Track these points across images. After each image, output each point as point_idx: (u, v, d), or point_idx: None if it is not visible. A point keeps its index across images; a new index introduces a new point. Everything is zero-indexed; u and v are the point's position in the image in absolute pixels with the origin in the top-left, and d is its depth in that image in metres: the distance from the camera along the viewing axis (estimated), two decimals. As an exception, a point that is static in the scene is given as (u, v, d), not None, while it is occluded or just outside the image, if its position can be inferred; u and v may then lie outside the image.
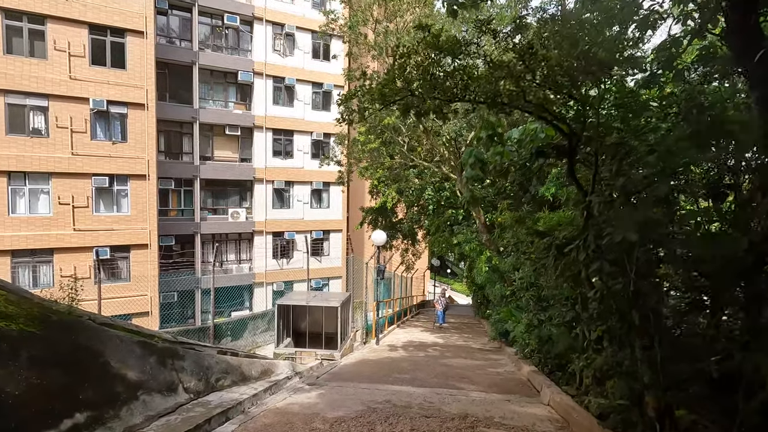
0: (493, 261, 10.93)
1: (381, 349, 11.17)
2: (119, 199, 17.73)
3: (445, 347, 11.83)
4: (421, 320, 20.63)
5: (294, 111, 24.65)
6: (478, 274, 11.70)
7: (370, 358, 9.62)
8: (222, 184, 23.46)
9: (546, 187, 8.74)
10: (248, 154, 23.87)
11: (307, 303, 9.22)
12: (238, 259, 24.12)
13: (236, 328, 10.36)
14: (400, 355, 10.21)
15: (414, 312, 24.05)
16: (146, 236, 17.88)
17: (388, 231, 23.48)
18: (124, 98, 17.28)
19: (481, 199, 11.12)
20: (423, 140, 15.07)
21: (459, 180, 11.90)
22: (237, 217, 23.23)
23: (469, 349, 11.57)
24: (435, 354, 10.50)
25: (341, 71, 26.02)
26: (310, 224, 25.51)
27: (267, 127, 23.85)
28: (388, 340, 13.12)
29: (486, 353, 10.97)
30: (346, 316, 10.27)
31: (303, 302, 9.29)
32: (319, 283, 25.70)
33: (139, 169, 17.67)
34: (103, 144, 17.17)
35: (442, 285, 42.72)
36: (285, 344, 9.55)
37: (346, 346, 9.79)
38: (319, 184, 25.56)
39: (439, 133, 13.90)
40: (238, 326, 10.37)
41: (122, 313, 17.50)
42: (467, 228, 13.16)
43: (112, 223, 17.41)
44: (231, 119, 22.87)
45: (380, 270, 11.74)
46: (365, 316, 12.66)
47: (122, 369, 4.83)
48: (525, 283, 7.96)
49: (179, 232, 21.59)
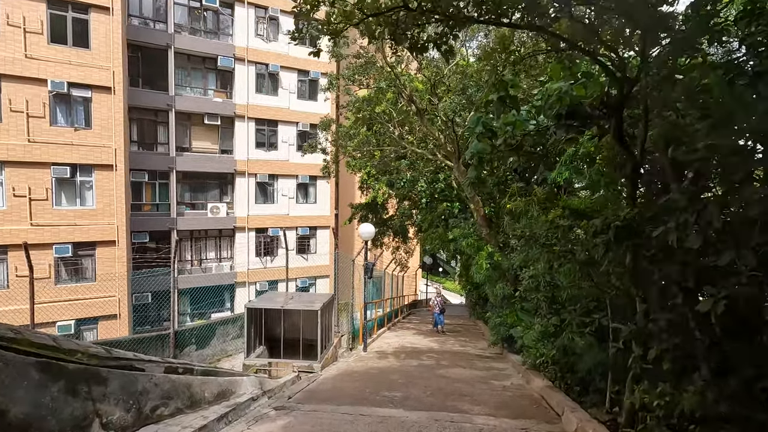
0: (495, 257, 9.74)
1: (369, 356, 9.91)
2: (83, 191, 16.18)
3: (440, 354, 10.61)
4: (413, 322, 19.42)
5: (278, 100, 23.23)
6: (477, 272, 10.50)
7: (356, 369, 8.34)
8: (201, 177, 21.96)
9: (557, 171, 7.55)
10: (229, 146, 22.40)
11: (282, 306, 7.94)
12: (218, 257, 22.66)
13: (203, 335, 9.01)
14: (391, 364, 8.96)
15: (406, 313, 22.83)
16: (113, 232, 16.36)
17: (378, 228, 22.30)
18: (88, 80, 15.73)
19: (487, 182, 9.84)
20: (415, 126, 13.84)
21: (456, 167, 10.68)
22: (217, 212, 21.76)
23: (468, 356, 10.37)
24: (430, 363, 9.26)
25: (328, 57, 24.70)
26: (296, 220, 24.12)
27: (249, 117, 22.40)
28: (378, 345, 11.87)
29: (487, 361, 9.77)
30: (328, 320, 8.98)
31: (278, 305, 8.00)
32: (305, 282, 24.35)
33: (106, 159, 16.14)
34: (64, 130, 15.62)
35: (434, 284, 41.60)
36: (257, 354, 8.24)
37: (328, 354, 8.51)
38: (305, 178, 24.18)
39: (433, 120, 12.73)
40: (205, 332, 9.03)
41: (87, 317, 16.04)
42: (465, 221, 11.95)
43: (75, 218, 15.86)
44: (210, 107, 21.38)
45: (368, 268, 10.47)
46: (352, 319, 11.38)
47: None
48: (537, 281, 6.76)
49: (154, 228, 20.09)
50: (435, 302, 15.45)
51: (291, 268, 24.78)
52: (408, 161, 14.93)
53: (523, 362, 8.07)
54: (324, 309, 8.39)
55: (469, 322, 20.31)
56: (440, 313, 14.94)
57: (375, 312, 14.01)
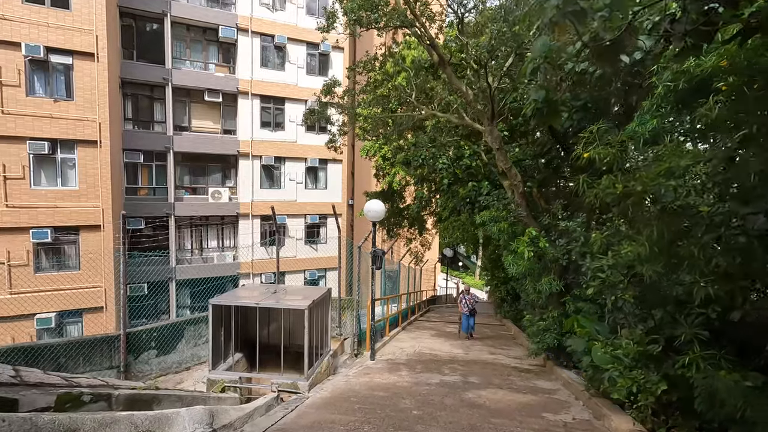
0: (540, 243, 7.49)
1: (376, 368, 7.82)
2: (65, 170, 14.58)
3: (466, 365, 8.44)
4: (432, 320, 17.26)
5: (285, 75, 21.24)
6: (514, 262, 8.25)
7: (357, 388, 6.27)
8: (201, 158, 20.23)
9: (637, 122, 5.24)
10: (232, 125, 20.58)
11: (257, 303, 5.94)
12: (220, 246, 20.97)
13: (167, 337, 7.12)
14: (403, 381, 6.85)
15: (423, 309, 20.68)
16: (98, 216, 14.73)
17: (394, 218, 20.18)
18: (68, 45, 14.05)
19: (558, 109, 7.42)
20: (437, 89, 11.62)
21: (489, 130, 8.41)
22: (218, 197, 20.03)
23: (502, 369, 8.17)
24: (454, 379, 7.11)
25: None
26: (305, 207, 22.21)
27: (254, 94, 20.50)
28: (389, 350, 9.78)
29: (528, 377, 7.55)
30: (322, 321, 6.93)
31: (251, 301, 6.00)
32: (314, 274, 22.48)
33: (89, 134, 14.47)
34: (43, 102, 14.00)
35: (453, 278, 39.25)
36: (226, 366, 6.27)
37: (321, 367, 6.46)
38: (314, 161, 22.20)
39: (460, 68, 10.37)
40: (169, 334, 7.12)
41: (70, 309, 14.51)
42: (498, 201, 9.67)
43: (56, 199, 14.28)
44: (211, 83, 19.56)
45: (377, 256, 8.37)
46: (357, 318, 9.32)
47: None
48: (622, 274, 4.50)
49: (150, 213, 18.49)
50: (463, 300, 12.13)
51: (299, 259, 22.99)
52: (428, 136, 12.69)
53: (586, 386, 5.83)
54: (314, 307, 6.33)
55: (495, 320, 18.03)
56: (470, 314, 11.96)
57: (387, 309, 11.91)
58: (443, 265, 42.55)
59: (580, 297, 7.58)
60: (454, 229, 22.43)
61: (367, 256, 10.32)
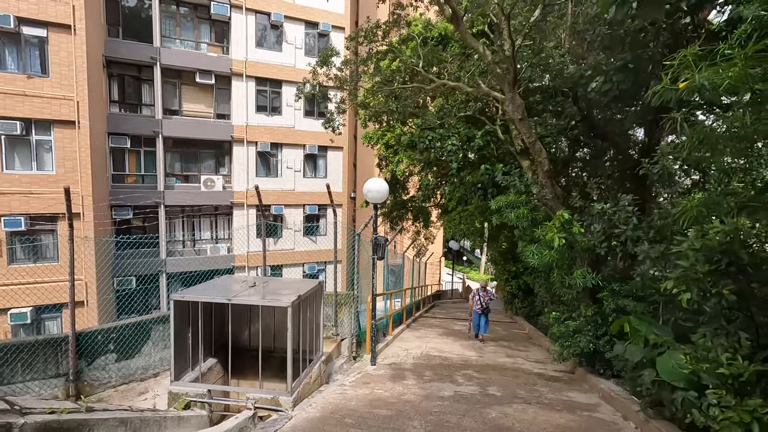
0: (574, 229, 6.27)
1: (377, 375, 6.66)
2: (41, 153, 13.44)
3: (482, 370, 7.27)
4: (438, 317, 16.10)
5: (282, 56, 19.97)
6: (538, 252, 7.04)
7: (352, 405, 5.10)
8: (193, 144, 19.04)
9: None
10: (226, 109, 19.36)
11: (229, 299, 4.77)
12: (213, 238, 19.84)
13: (130, 338, 5.97)
14: (410, 393, 5.68)
15: (428, 305, 19.52)
16: (78, 203, 13.59)
17: (398, 211, 19.00)
18: (42, 16, 12.84)
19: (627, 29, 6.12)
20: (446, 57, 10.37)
21: (510, 98, 7.17)
22: (212, 185, 18.87)
23: (525, 377, 6.98)
24: (471, 391, 5.94)
25: (342, 7, 21.28)
26: (303, 197, 21.02)
27: (248, 75, 19.26)
28: (392, 352, 8.63)
29: (558, 388, 6.37)
30: (311, 321, 5.76)
31: (221, 297, 4.82)
32: (313, 268, 21.34)
33: (66, 114, 13.30)
34: (15, 78, 12.83)
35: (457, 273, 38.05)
36: (192, 376, 5.11)
37: (310, 377, 5.30)
38: (313, 148, 20.97)
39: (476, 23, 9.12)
40: (133, 334, 5.97)
41: (48, 303, 13.43)
42: (520, 180, 8.40)
43: (31, 185, 13.16)
44: (203, 63, 18.32)
45: (379, 244, 7.18)
46: (356, 316, 8.15)
47: None
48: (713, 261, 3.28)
49: (138, 202, 17.33)
50: (476, 297, 10.21)
51: (297, 252, 21.82)
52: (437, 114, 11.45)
53: (642, 406, 4.63)
54: (301, 304, 5.16)
55: (505, 317, 16.86)
56: (483, 313, 10.15)
57: (391, 305, 10.74)
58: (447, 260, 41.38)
59: (619, 293, 6.39)
60: (462, 220, 21.24)
61: (367, 245, 9.14)
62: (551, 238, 6.35)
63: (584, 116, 8.40)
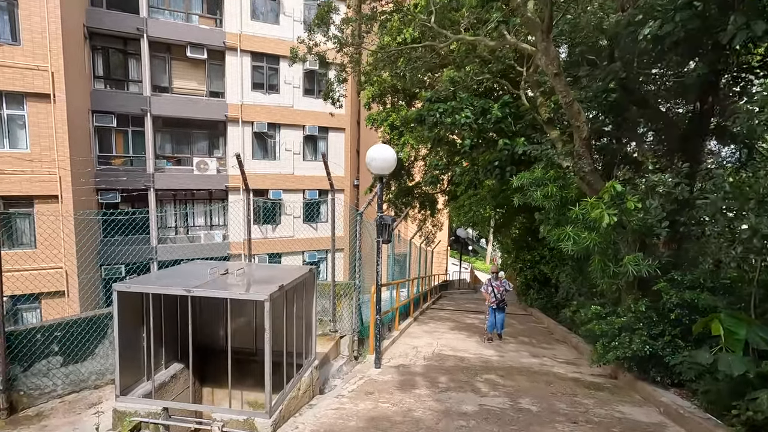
0: (628, 204, 5.03)
1: (383, 382, 5.53)
2: (13, 129, 12.29)
3: (507, 374, 6.12)
4: (446, 308, 14.98)
5: (280, 29, 18.60)
6: (575, 234, 5.81)
7: (352, 425, 3.98)
8: (184, 124, 17.84)
9: None
10: (219, 86, 18.10)
11: (188, 290, 3.61)
12: (208, 224, 18.75)
13: (80, 337, 4.84)
14: (424, 408, 4.56)
15: (435, 296, 18.41)
16: (55, 184, 12.49)
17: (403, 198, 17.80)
18: (10, -24, 11.59)
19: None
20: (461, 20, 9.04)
21: (543, 49, 5.88)
22: (205, 168, 17.70)
23: (559, 383, 5.82)
24: (498, 402, 4.80)
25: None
26: (303, 181, 19.83)
27: (243, 50, 17.94)
28: (400, 351, 7.50)
29: (604, 398, 5.20)
30: (302, 317, 4.60)
31: (178, 288, 3.66)
32: (314, 256, 20.24)
33: (41, 86, 12.11)
34: (-18, 45, 11.64)
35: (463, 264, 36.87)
36: (143, 390, 3.97)
37: (297, 390, 4.18)
38: (313, 129, 19.70)
39: None
40: (84, 332, 4.84)
41: (25, 293, 12.38)
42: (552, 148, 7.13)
43: (3, 164, 12.03)
44: (194, 36, 17.03)
45: (385, 224, 5.99)
46: (358, 309, 7.01)
47: None
48: None
49: (127, 185, 16.22)
50: (490, 288, 8.68)
51: (297, 239, 20.67)
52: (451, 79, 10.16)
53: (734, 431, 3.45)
54: (283, 297, 3.99)
55: (519, 309, 15.71)
56: (498, 308, 8.62)
57: (397, 296, 9.58)
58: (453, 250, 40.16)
59: (681, 283, 5.18)
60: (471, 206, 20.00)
61: (371, 228, 7.95)
62: (598, 216, 5.12)
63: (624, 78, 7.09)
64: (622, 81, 6.81)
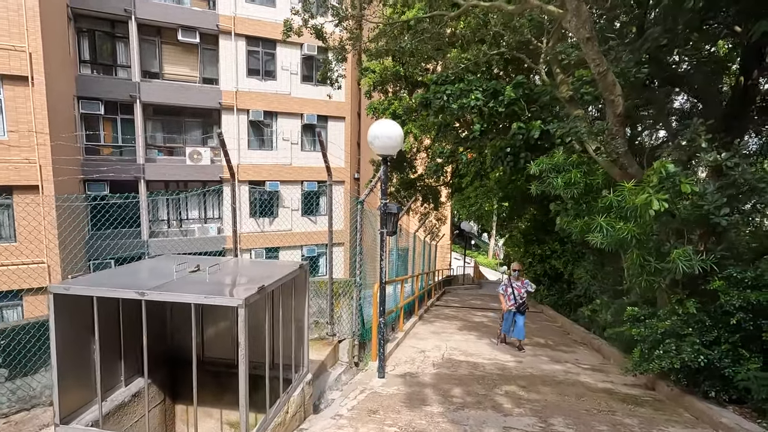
0: (683, 187, 4.23)
1: (388, 396, 4.76)
2: (-11, 114, 11.48)
3: (529, 384, 5.34)
4: (451, 305, 14.21)
5: (276, 12, 17.68)
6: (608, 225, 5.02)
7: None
8: (176, 112, 17.00)
9: None
10: (213, 72, 17.23)
11: (142, 292, 2.87)
12: (202, 217, 17.95)
13: (28, 345, 4.06)
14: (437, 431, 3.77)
15: (439, 292, 17.63)
16: (35, 173, 11.69)
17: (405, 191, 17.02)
18: (-18, -53, 10.71)
19: None
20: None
21: (574, 10, 5.05)
22: (198, 158, 16.88)
23: (592, 396, 5.04)
24: (525, 423, 4.05)
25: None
26: (301, 172, 18.99)
27: (238, 34, 17.05)
28: (406, 355, 6.73)
29: (647, 416, 4.41)
30: (290, 322, 3.80)
31: (129, 290, 2.91)
32: (313, 250, 19.46)
33: (17, 68, 11.27)
34: (-47, 23, 10.78)
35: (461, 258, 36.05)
36: (91, 416, 3.21)
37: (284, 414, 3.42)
38: (312, 118, 18.83)
39: None
40: (38, 338, 4.06)
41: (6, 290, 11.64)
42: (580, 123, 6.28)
43: (-22, 152, 11.24)
44: (186, 18, 16.14)
45: (390, 213, 5.20)
46: (359, 310, 6.22)
47: None
48: None
49: (115, 176, 15.40)
50: (510, 290, 7.56)
51: (295, 233, 19.87)
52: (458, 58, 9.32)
53: None
54: (264, 300, 3.21)
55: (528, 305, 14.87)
56: (519, 311, 7.43)
57: (401, 294, 8.79)
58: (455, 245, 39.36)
59: (743, 282, 4.38)
60: (476, 198, 19.21)
61: (372, 218, 7.17)
62: (643, 203, 4.31)
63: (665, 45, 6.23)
64: (662, 48, 5.97)
